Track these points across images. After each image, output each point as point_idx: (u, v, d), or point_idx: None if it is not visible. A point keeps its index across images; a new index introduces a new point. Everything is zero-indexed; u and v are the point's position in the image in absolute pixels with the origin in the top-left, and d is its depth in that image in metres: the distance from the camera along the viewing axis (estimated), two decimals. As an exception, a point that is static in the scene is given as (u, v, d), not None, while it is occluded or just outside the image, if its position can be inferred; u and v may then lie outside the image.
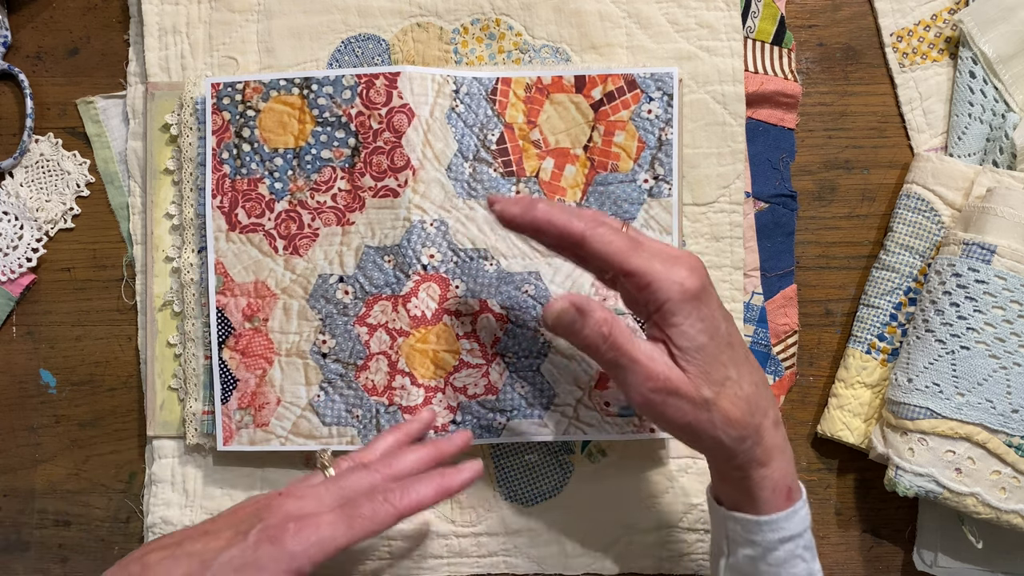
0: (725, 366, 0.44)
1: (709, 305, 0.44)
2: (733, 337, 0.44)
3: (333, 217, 0.55)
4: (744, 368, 0.44)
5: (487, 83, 0.55)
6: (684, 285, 0.43)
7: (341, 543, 0.43)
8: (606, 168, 0.55)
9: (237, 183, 0.55)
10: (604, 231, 0.44)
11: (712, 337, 0.43)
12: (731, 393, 0.44)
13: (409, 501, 0.45)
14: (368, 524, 0.44)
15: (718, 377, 0.44)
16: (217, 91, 0.55)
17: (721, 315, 0.44)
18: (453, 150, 0.55)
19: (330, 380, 0.55)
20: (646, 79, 0.55)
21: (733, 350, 0.44)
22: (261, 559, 0.42)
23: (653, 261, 0.43)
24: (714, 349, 0.43)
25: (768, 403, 0.45)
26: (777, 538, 0.44)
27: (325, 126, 0.55)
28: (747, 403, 0.44)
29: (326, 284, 0.55)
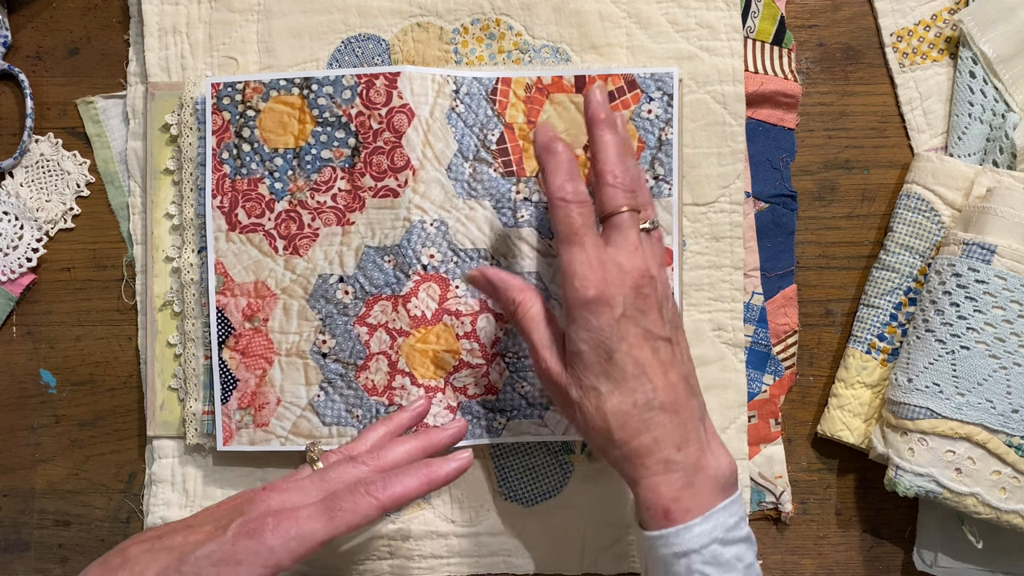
0: (596, 376, 0.45)
1: (599, 317, 0.45)
2: (620, 352, 0.45)
3: (333, 217, 0.55)
4: (622, 385, 0.45)
5: (487, 83, 0.55)
6: (578, 293, 0.45)
7: (321, 537, 0.43)
8: None
9: (237, 183, 0.55)
10: (572, 210, 0.45)
11: (592, 348, 0.45)
12: (593, 403, 0.45)
13: (392, 493, 0.45)
14: (349, 517, 0.43)
15: (587, 384, 0.46)
16: (217, 91, 0.55)
17: (616, 329, 0.45)
18: (453, 150, 0.55)
19: (330, 380, 0.55)
20: (646, 79, 0.55)
21: (612, 366, 0.45)
22: (239, 553, 0.42)
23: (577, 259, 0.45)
24: (590, 358, 0.45)
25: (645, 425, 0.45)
26: (670, 552, 0.44)
27: (325, 126, 0.54)
28: (611, 417, 0.45)
29: (326, 284, 0.55)
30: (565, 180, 0.46)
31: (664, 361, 0.46)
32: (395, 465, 0.48)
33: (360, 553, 0.57)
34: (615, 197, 0.46)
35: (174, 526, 0.45)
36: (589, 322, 0.45)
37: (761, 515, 0.58)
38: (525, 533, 0.57)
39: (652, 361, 0.45)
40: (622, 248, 0.46)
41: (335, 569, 0.57)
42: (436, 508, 0.57)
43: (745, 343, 0.57)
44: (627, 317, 0.45)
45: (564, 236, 0.46)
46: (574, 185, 0.46)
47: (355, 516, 0.44)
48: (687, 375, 0.47)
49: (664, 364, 0.46)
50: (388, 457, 0.48)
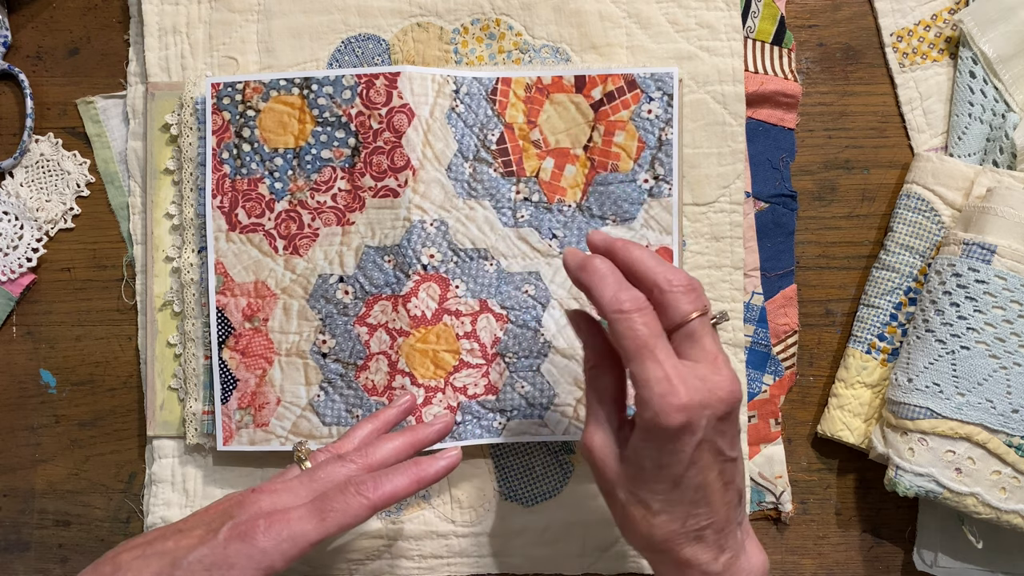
0: (651, 493, 0.42)
1: (676, 443, 0.41)
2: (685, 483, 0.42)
3: (333, 217, 0.55)
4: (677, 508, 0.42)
5: (487, 83, 0.55)
6: (658, 419, 0.40)
7: (313, 538, 0.43)
8: (606, 168, 0.55)
9: (237, 183, 0.55)
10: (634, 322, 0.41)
11: (657, 468, 0.42)
12: (640, 513, 0.43)
13: (382, 493, 0.44)
14: (340, 517, 0.43)
15: (640, 495, 0.43)
16: (217, 91, 0.55)
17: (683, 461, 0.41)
18: (453, 150, 0.55)
19: (330, 380, 0.55)
20: (646, 79, 0.55)
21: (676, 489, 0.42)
22: (231, 556, 0.42)
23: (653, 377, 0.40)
24: (650, 476, 0.42)
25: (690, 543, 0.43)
26: None
27: (325, 126, 0.54)
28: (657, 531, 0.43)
29: (326, 284, 0.55)
30: (617, 291, 0.42)
31: (727, 482, 0.43)
32: (383, 462, 0.47)
33: (360, 553, 0.57)
34: (679, 303, 0.42)
35: (164, 531, 0.45)
36: (663, 446, 0.41)
37: (761, 515, 0.58)
38: (525, 533, 0.57)
39: (716, 484, 0.42)
40: (703, 360, 0.42)
41: (335, 569, 0.57)
42: (436, 508, 0.57)
43: (745, 343, 0.57)
44: (706, 442, 0.41)
45: (633, 352, 0.41)
46: (628, 293, 0.42)
47: (346, 516, 0.43)
48: (742, 490, 0.45)
49: (726, 485, 0.43)
50: (376, 455, 0.47)
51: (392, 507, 0.56)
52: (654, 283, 0.42)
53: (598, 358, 0.46)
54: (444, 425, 0.51)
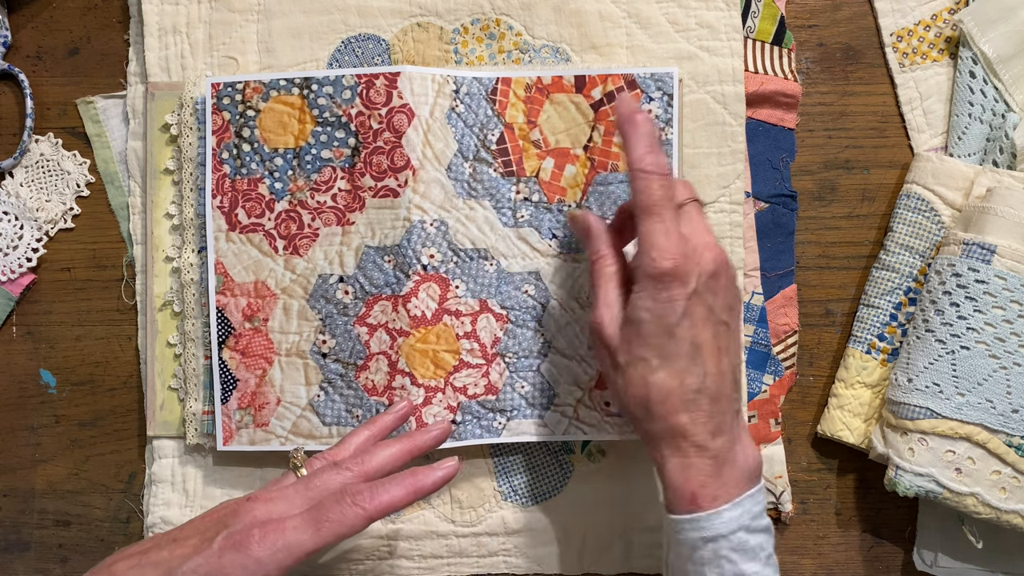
0: (649, 348, 0.45)
1: (671, 290, 0.44)
2: (682, 332, 0.44)
3: (333, 217, 0.55)
4: (674, 363, 0.44)
5: (487, 83, 0.55)
6: (655, 263, 0.44)
7: (309, 548, 0.43)
8: (606, 168, 0.55)
9: (237, 183, 0.55)
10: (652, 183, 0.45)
11: (653, 319, 0.45)
12: (638, 372, 0.45)
13: (379, 504, 0.44)
14: (336, 528, 0.43)
15: (637, 352, 0.45)
16: (217, 91, 0.55)
17: (677, 311, 0.44)
18: (453, 150, 0.55)
19: (330, 380, 0.55)
20: (646, 79, 0.55)
21: (671, 341, 0.44)
22: (226, 566, 0.42)
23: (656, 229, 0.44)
24: (648, 329, 0.45)
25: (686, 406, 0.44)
26: (698, 536, 0.44)
27: (325, 126, 0.54)
28: (654, 390, 0.45)
29: (326, 284, 0.55)
30: (646, 152, 0.45)
31: (721, 347, 0.46)
32: (379, 470, 0.48)
33: (360, 553, 0.57)
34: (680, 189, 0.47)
35: (159, 540, 0.44)
36: (658, 293, 0.44)
37: (761, 515, 0.58)
38: (525, 533, 0.57)
39: (710, 344, 0.45)
40: (696, 232, 0.46)
41: (335, 569, 0.57)
42: (436, 508, 0.57)
43: (745, 343, 0.57)
44: (698, 295, 0.45)
45: (644, 207, 0.45)
46: (655, 157, 0.45)
47: (342, 526, 0.43)
48: (736, 366, 0.47)
49: (720, 350, 0.46)
50: (372, 462, 0.47)
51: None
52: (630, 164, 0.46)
53: (606, 248, 0.49)
54: (441, 431, 0.51)
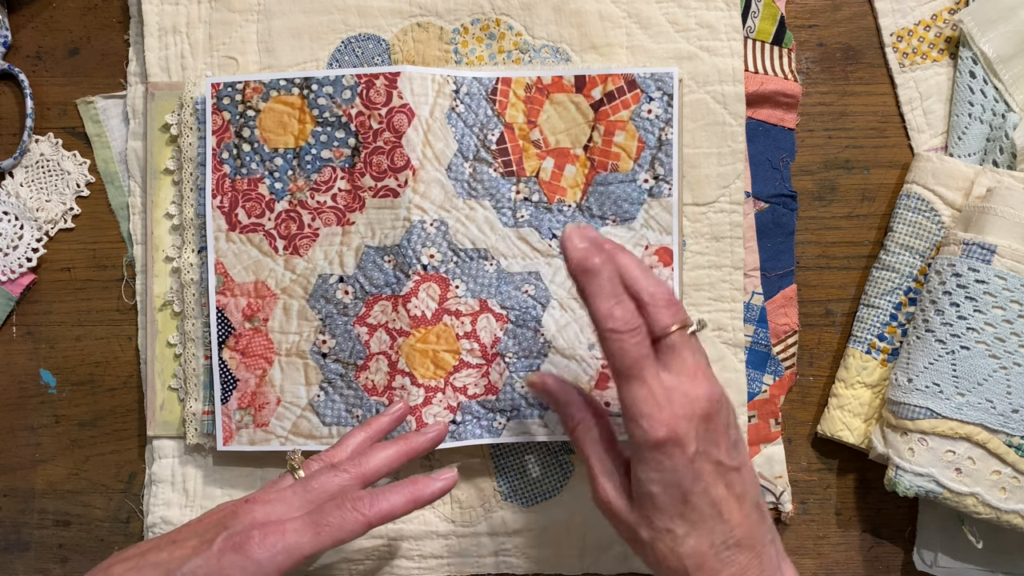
0: (671, 519, 0.43)
1: (673, 458, 0.42)
2: (696, 493, 0.42)
3: (333, 217, 0.55)
4: (699, 527, 0.42)
5: (487, 83, 0.55)
6: (647, 435, 0.42)
7: (307, 551, 0.43)
8: (606, 168, 0.55)
9: (237, 183, 0.55)
10: (626, 343, 0.42)
11: (665, 490, 0.42)
12: (668, 545, 0.43)
13: (379, 511, 0.45)
14: (336, 533, 0.43)
15: (660, 526, 0.43)
16: (217, 91, 0.55)
17: (688, 476, 0.42)
18: (453, 150, 0.55)
19: (330, 380, 0.55)
20: (646, 79, 0.55)
21: (688, 508, 0.42)
22: (225, 568, 0.42)
23: (640, 396, 0.42)
24: (663, 501, 0.43)
25: (723, 564, 0.42)
26: None
27: (325, 126, 0.54)
28: (688, 560, 0.42)
29: (326, 284, 0.55)
30: (613, 305, 0.42)
31: (738, 494, 0.43)
32: (376, 472, 0.48)
33: (360, 553, 0.57)
34: (661, 317, 0.43)
35: (157, 542, 0.44)
36: (661, 463, 0.42)
37: (761, 515, 0.58)
38: (525, 533, 0.57)
39: (727, 497, 0.43)
40: (683, 373, 0.43)
41: (335, 569, 0.57)
42: (436, 508, 0.57)
43: (745, 343, 0.57)
44: (700, 454, 0.42)
45: (621, 371, 0.42)
46: (623, 310, 0.42)
47: (341, 532, 0.44)
48: (758, 502, 0.45)
49: (738, 497, 0.43)
50: (369, 464, 0.48)
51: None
52: (637, 294, 0.43)
53: (582, 413, 0.47)
54: (438, 433, 0.51)
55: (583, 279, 0.43)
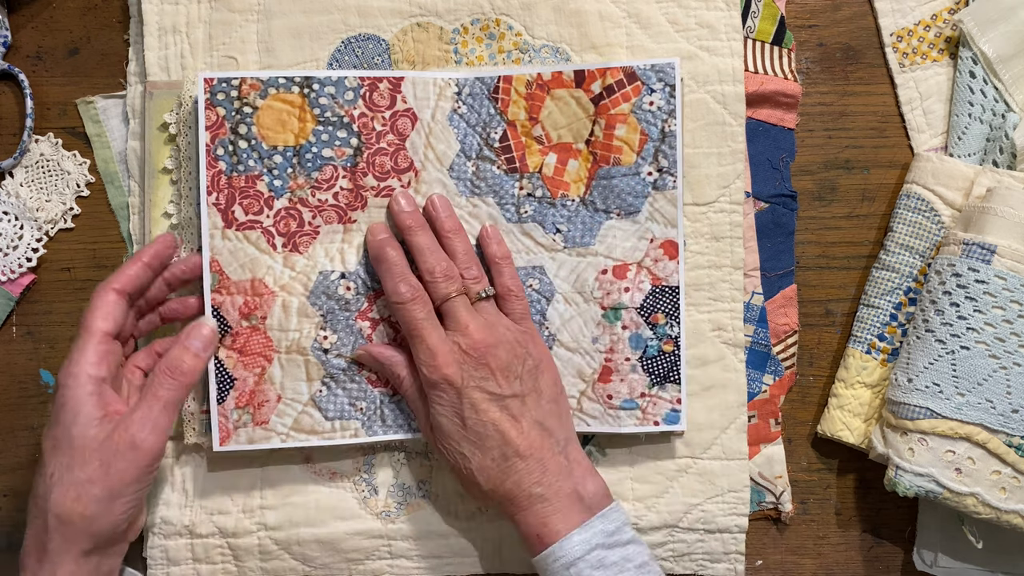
0: (458, 442, 0.51)
1: (447, 393, 0.51)
2: (471, 419, 0.51)
3: (334, 215, 0.55)
4: (480, 445, 0.51)
5: (489, 82, 0.55)
6: (427, 377, 0.51)
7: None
8: (609, 162, 0.55)
9: (234, 180, 0.54)
10: (408, 311, 0.51)
11: (447, 419, 0.51)
12: (461, 464, 0.51)
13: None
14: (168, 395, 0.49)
15: (453, 449, 0.51)
16: (211, 86, 0.54)
17: (464, 400, 0.51)
18: (455, 151, 0.55)
19: (332, 375, 0.55)
20: (646, 71, 0.55)
21: (468, 431, 0.51)
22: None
23: (420, 348, 0.51)
24: (448, 428, 0.51)
25: (505, 474, 0.50)
26: (558, 566, 0.49)
27: (327, 125, 0.54)
28: (477, 474, 0.51)
29: (327, 281, 0.55)
30: (398, 282, 0.52)
31: (515, 415, 0.51)
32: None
33: (360, 553, 0.57)
34: (438, 289, 0.52)
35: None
36: (440, 398, 0.51)
37: (761, 515, 0.58)
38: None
39: (502, 418, 0.51)
40: (456, 330, 0.51)
41: (335, 569, 0.57)
42: (436, 508, 0.57)
43: (745, 343, 0.57)
44: (469, 387, 0.51)
45: (409, 332, 0.52)
46: (407, 285, 0.52)
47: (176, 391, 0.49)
48: (542, 419, 0.52)
49: (515, 417, 0.51)
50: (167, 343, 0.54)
51: (392, 507, 0.57)
52: (422, 273, 0.52)
53: (405, 371, 0.54)
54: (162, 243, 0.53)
55: (377, 266, 0.53)
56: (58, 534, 0.46)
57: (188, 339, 0.50)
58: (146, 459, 0.47)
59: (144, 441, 0.47)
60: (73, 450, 0.47)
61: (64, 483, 0.46)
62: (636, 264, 0.55)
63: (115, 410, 0.48)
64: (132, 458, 0.47)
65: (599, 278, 0.55)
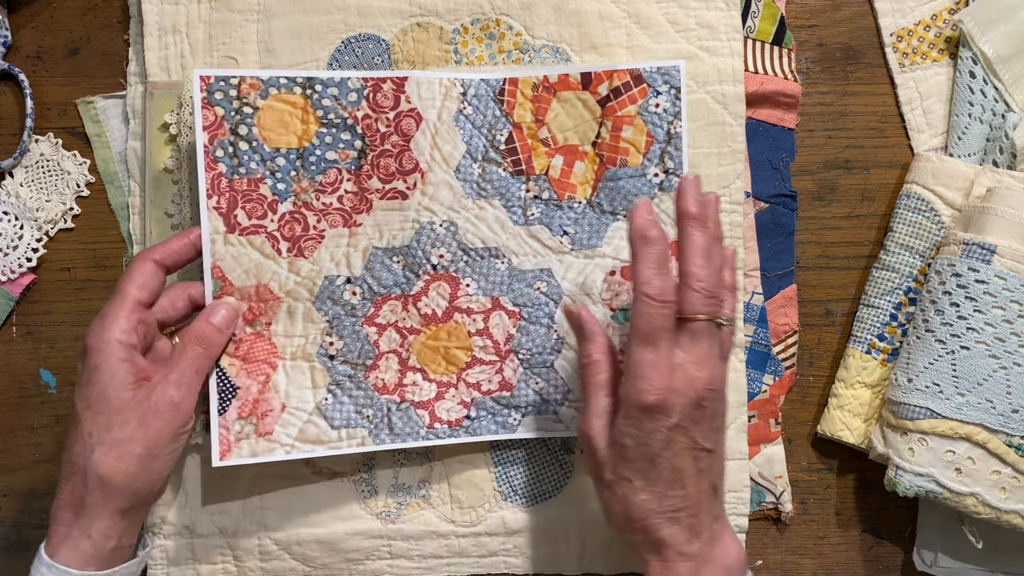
0: (633, 471, 0.46)
1: (653, 422, 0.45)
2: (662, 463, 0.46)
3: (339, 219, 0.54)
4: (655, 486, 0.46)
5: (494, 84, 0.55)
6: (640, 396, 0.45)
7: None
8: (615, 163, 0.55)
9: (235, 183, 0.53)
10: (654, 310, 0.45)
11: (636, 446, 0.46)
12: (622, 492, 0.47)
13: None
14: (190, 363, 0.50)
15: (622, 472, 0.47)
16: (207, 85, 0.53)
17: (660, 441, 0.45)
18: (461, 152, 0.55)
19: (338, 382, 0.54)
20: (652, 73, 0.55)
21: (652, 467, 0.46)
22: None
23: (646, 360, 0.45)
24: (632, 454, 0.46)
25: (667, 524, 0.46)
26: None
27: (330, 127, 0.54)
28: (635, 509, 0.46)
29: (333, 286, 0.54)
30: (654, 275, 0.45)
31: (701, 469, 0.47)
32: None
33: (360, 553, 0.57)
34: (695, 303, 0.45)
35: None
36: (641, 423, 0.45)
37: (761, 515, 0.58)
38: (525, 533, 0.57)
39: (690, 470, 0.46)
40: (692, 356, 0.46)
41: (335, 569, 0.57)
42: (436, 508, 0.57)
43: (745, 343, 0.57)
44: (679, 427, 0.45)
45: (640, 333, 0.45)
46: (661, 281, 0.45)
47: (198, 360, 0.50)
48: (716, 481, 0.48)
49: (700, 472, 0.46)
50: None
51: (392, 507, 0.57)
52: (686, 273, 0.46)
53: (599, 353, 0.49)
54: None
55: (637, 244, 0.46)
56: (99, 492, 0.47)
57: (212, 315, 0.51)
58: (182, 418, 0.49)
59: (181, 401, 0.48)
60: (111, 411, 0.47)
61: (105, 443, 0.47)
62: None
63: (145, 375, 0.49)
64: (171, 417, 0.48)
65: (607, 279, 0.55)
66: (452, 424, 0.55)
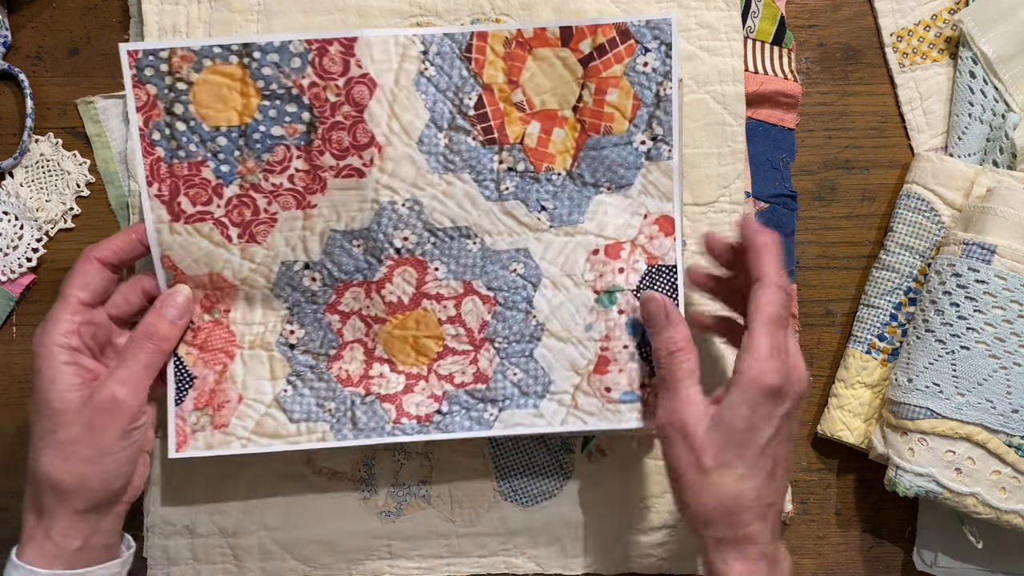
0: (740, 457, 0.45)
1: (770, 406, 0.45)
2: (768, 450, 0.45)
3: (292, 200, 0.51)
4: (758, 475, 0.45)
5: (460, 40, 0.50)
6: (766, 377, 0.45)
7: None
8: (598, 130, 0.51)
9: (175, 167, 0.50)
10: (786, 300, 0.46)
11: (749, 428, 0.45)
12: (724, 480, 0.45)
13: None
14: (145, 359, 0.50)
15: (725, 458, 0.45)
16: (136, 60, 0.49)
17: (772, 426, 0.45)
18: (424, 120, 0.50)
19: (298, 373, 0.52)
20: (640, 27, 0.50)
21: (760, 455, 0.45)
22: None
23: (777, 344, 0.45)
24: (741, 438, 0.45)
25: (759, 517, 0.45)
26: None
27: (273, 99, 0.50)
28: (734, 499, 0.45)
29: (291, 271, 0.51)
30: (779, 270, 0.47)
31: (787, 463, 0.47)
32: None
33: (360, 553, 0.57)
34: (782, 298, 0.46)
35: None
36: (757, 407, 0.45)
37: (761, 515, 0.58)
38: (525, 533, 0.57)
39: (784, 461, 0.47)
40: (795, 350, 0.47)
41: (335, 569, 0.57)
42: (436, 508, 0.57)
43: (745, 343, 0.57)
44: (788, 416, 0.46)
45: (772, 319, 0.46)
46: (784, 277, 0.47)
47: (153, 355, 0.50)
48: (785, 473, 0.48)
49: (786, 465, 0.47)
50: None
51: (392, 507, 0.57)
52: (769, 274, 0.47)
53: (684, 341, 0.48)
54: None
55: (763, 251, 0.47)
56: (51, 494, 0.47)
57: (163, 307, 0.50)
58: (128, 416, 0.48)
59: (125, 398, 0.48)
60: (55, 414, 0.47)
61: (52, 446, 0.48)
62: (630, 242, 0.52)
63: (93, 376, 0.49)
64: (115, 415, 0.48)
65: (590, 259, 0.52)
66: (421, 419, 0.52)
